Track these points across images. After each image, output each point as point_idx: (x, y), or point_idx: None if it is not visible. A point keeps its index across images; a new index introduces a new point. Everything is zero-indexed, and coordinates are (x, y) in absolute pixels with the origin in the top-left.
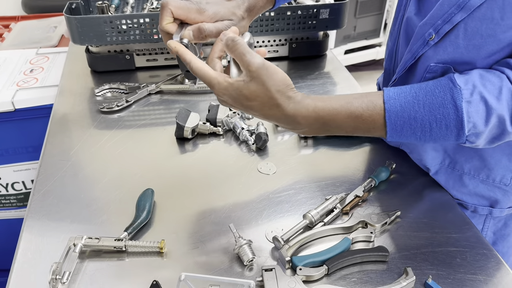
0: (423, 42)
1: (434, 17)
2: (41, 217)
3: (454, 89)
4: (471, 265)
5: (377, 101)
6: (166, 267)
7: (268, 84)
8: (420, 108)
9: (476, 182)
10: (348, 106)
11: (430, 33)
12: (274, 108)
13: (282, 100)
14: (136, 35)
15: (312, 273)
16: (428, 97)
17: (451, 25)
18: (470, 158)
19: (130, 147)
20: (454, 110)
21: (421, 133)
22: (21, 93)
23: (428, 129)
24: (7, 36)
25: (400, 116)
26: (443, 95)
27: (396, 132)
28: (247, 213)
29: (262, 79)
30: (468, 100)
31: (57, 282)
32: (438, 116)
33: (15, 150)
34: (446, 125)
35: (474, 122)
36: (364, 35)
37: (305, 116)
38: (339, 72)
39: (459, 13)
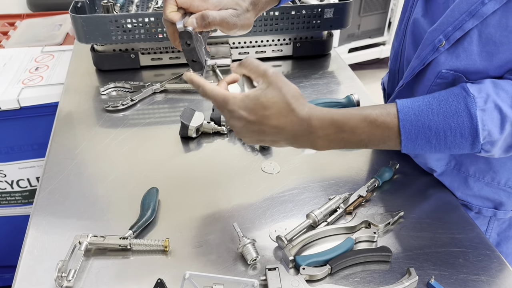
0: (432, 49)
1: (444, 24)
2: (47, 215)
3: (467, 98)
4: (474, 265)
5: (391, 109)
6: (170, 266)
7: (284, 89)
8: (434, 116)
9: (481, 184)
10: (362, 110)
11: (440, 39)
12: (290, 114)
13: (297, 104)
14: (141, 34)
15: (315, 273)
16: (442, 106)
17: (462, 32)
18: (475, 161)
19: (135, 145)
20: (468, 118)
21: (436, 141)
22: (27, 91)
23: (443, 137)
24: (13, 34)
25: (415, 124)
26: (456, 104)
27: (410, 141)
28: (251, 212)
29: (279, 85)
30: (482, 108)
31: (63, 279)
32: (452, 125)
33: (20, 148)
34: (461, 133)
35: (489, 130)
36: (368, 33)
37: (320, 119)
38: (343, 71)
39: (471, 20)
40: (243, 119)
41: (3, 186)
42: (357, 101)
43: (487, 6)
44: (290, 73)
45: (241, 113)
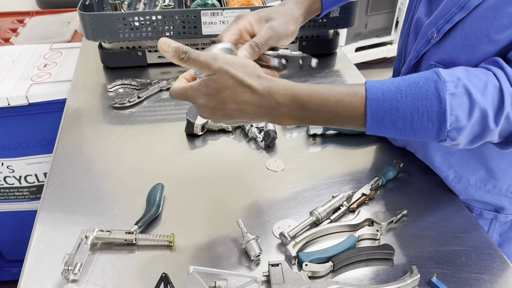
0: (425, 41)
1: (437, 17)
2: (54, 210)
3: (438, 81)
4: (476, 264)
5: (359, 89)
6: (175, 260)
7: (231, 68)
8: (403, 98)
9: (482, 192)
10: (329, 89)
11: (433, 32)
12: (248, 92)
13: (251, 80)
14: (148, 32)
15: (318, 269)
16: (411, 88)
17: (451, 25)
18: (476, 171)
19: (141, 142)
20: (437, 102)
21: (402, 124)
22: (35, 87)
23: (409, 120)
24: (22, 31)
25: (382, 105)
26: (426, 87)
27: (376, 123)
28: (255, 209)
29: (224, 68)
30: (452, 92)
31: (69, 273)
32: (420, 107)
33: (28, 144)
34: (428, 117)
35: (456, 116)
36: (375, 32)
37: (282, 94)
38: (349, 70)
39: (459, 13)
40: (206, 106)
41: (11, 181)
42: None
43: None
44: (295, 71)
45: (201, 100)
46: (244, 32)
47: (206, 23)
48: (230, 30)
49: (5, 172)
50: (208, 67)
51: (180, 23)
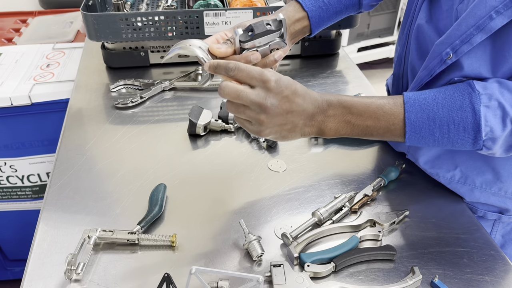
0: (440, 61)
1: (451, 37)
2: (57, 210)
3: (473, 94)
4: (478, 266)
5: (397, 99)
6: (177, 261)
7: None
8: (439, 109)
9: (487, 194)
10: (369, 98)
11: (448, 52)
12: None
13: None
14: (151, 32)
15: (320, 270)
16: (447, 100)
17: (471, 46)
18: (482, 172)
19: (144, 142)
20: (472, 114)
21: (439, 134)
22: (38, 87)
23: (446, 130)
24: (25, 31)
25: (420, 116)
26: (461, 99)
27: (415, 133)
28: (257, 209)
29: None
30: (486, 104)
31: (72, 272)
32: (456, 118)
33: (31, 143)
34: (464, 127)
35: (491, 127)
36: (377, 33)
37: (329, 99)
38: (351, 70)
39: (479, 34)
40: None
41: (14, 181)
42: None
43: (495, 21)
44: (298, 72)
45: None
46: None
47: (208, 23)
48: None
49: (8, 171)
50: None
51: (182, 23)
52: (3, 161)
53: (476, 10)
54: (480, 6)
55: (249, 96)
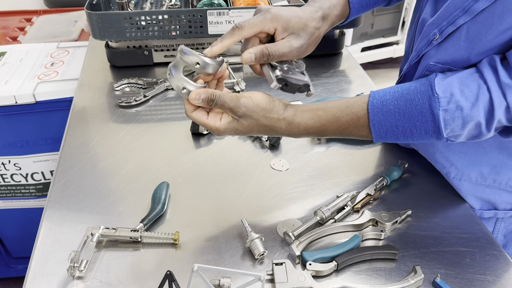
0: (427, 42)
1: (440, 18)
2: (60, 207)
3: (432, 97)
4: (481, 265)
5: (361, 113)
6: (179, 258)
7: (256, 116)
8: (401, 116)
9: (482, 188)
10: (335, 121)
11: (435, 33)
12: (271, 131)
13: (273, 123)
14: (154, 31)
15: (322, 269)
16: (408, 106)
17: (455, 27)
18: (477, 165)
19: (147, 141)
20: (431, 118)
21: (403, 137)
22: (42, 86)
23: (409, 134)
24: (29, 29)
25: (383, 125)
26: (421, 103)
27: (381, 138)
28: (259, 208)
29: (250, 114)
30: (445, 108)
31: (75, 269)
32: (417, 124)
33: (35, 142)
34: (426, 130)
35: (451, 128)
36: (381, 32)
37: (298, 134)
38: (354, 70)
39: (463, 16)
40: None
41: (18, 179)
42: None
43: (478, 4)
44: None
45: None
46: (263, 33)
47: (212, 22)
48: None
49: (12, 169)
50: (234, 112)
51: (186, 22)
52: (7, 159)
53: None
54: None
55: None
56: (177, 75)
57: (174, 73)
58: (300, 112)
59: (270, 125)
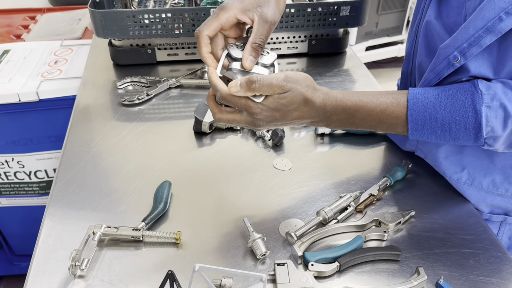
0: (447, 64)
1: (458, 40)
2: (62, 205)
3: (475, 93)
4: (485, 267)
5: (401, 98)
6: (181, 258)
7: (300, 87)
8: (442, 109)
9: (493, 195)
10: (374, 99)
11: (455, 56)
12: (308, 105)
13: (311, 93)
14: (158, 29)
15: (324, 269)
16: (449, 99)
17: (480, 48)
18: (489, 173)
19: (150, 139)
20: (473, 113)
21: (441, 132)
22: (46, 84)
23: (447, 129)
24: (33, 27)
25: (422, 115)
26: (464, 99)
27: (417, 130)
28: (262, 208)
29: (295, 88)
30: (488, 105)
31: (76, 268)
32: (457, 118)
33: (38, 139)
34: (465, 127)
35: (492, 126)
36: (386, 32)
37: (334, 106)
38: (359, 69)
39: (488, 36)
40: (267, 118)
41: (21, 176)
42: None
43: (505, 23)
44: (304, 70)
45: (264, 113)
46: (227, 25)
47: None
48: (211, 25)
49: (16, 167)
50: (282, 89)
51: (189, 21)
52: (11, 157)
53: (484, 12)
54: (488, 8)
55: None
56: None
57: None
58: (338, 90)
59: (308, 96)
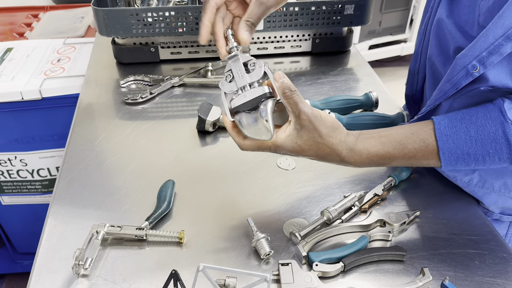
0: (466, 74)
1: (477, 49)
2: (65, 204)
3: (505, 124)
4: (490, 268)
5: (429, 140)
6: (185, 257)
7: (319, 129)
8: (473, 144)
9: (505, 198)
10: (402, 148)
11: (474, 65)
12: (329, 155)
13: (335, 144)
14: (161, 28)
15: (328, 270)
16: (479, 133)
17: (500, 56)
18: (501, 176)
19: (153, 138)
20: (506, 145)
21: (475, 164)
22: (48, 82)
23: (481, 161)
24: (36, 25)
25: (454, 153)
26: (494, 130)
27: (450, 166)
28: (265, 207)
29: (314, 125)
30: None
31: (80, 267)
32: (490, 151)
33: (41, 138)
34: (499, 157)
35: None
36: (389, 30)
37: (360, 162)
38: (362, 68)
39: (509, 44)
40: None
41: (24, 174)
42: (376, 99)
43: None
44: (308, 69)
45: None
46: (222, 7)
47: None
48: (210, 8)
49: (18, 165)
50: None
51: (193, 19)
52: (14, 155)
53: (503, 20)
54: (507, 16)
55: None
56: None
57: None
58: (362, 138)
59: (331, 146)
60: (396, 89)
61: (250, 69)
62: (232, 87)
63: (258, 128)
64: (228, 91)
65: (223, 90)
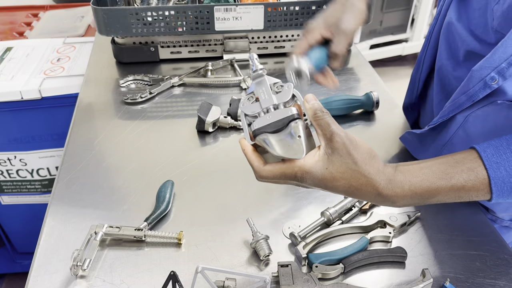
0: (483, 86)
1: (495, 61)
2: (64, 204)
3: None
4: (491, 270)
5: (477, 168)
6: (183, 258)
7: (354, 155)
8: None
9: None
10: (448, 179)
11: (493, 77)
12: (365, 187)
13: (372, 174)
14: (161, 27)
15: (328, 271)
16: None
17: None
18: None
19: (152, 138)
20: None
21: None
22: (48, 81)
23: None
24: (36, 25)
25: (507, 181)
26: None
27: (502, 197)
28: (265, 208)
29: (348, 149)
30: None
31: (78, 268)
32: None
33: (41, 137)
34: None
35: None
36: (390, 30)
37: (401, 195)
38: (363, 68)
39: None
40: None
41: (24, 174)
42: (376, 98)
43: None
44: None
45: (308, 184)
46: (314, 43)
47: (219, 19)
48: (301, 45)
49: (18, 165)
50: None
51: (193, 18)
52: (13, 155)
53: None
54: None
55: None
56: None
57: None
58: (401, 169)
59: (368, 175)
60: (397, 89)
61: (276, 91)
62: (254, 108)
63: (288, 145)
64: (250, 113)
65: (244, 112)
